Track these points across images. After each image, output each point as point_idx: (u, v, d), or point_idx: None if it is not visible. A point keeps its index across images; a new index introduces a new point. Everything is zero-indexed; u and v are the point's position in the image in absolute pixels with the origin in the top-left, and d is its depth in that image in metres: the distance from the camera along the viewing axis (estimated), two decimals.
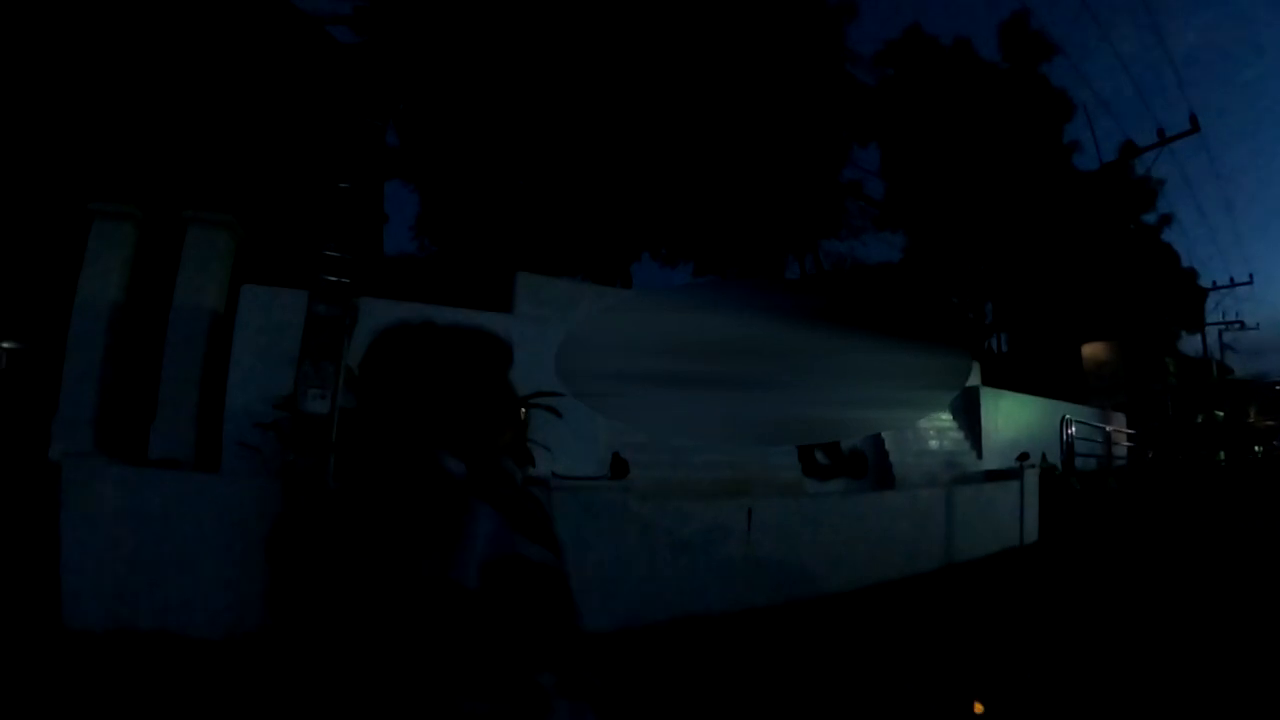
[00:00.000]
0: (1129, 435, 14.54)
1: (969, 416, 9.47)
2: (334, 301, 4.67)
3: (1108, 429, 13.39)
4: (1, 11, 7.12)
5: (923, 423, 8.72)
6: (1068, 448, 10.73)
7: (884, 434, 7.91)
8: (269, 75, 7.31)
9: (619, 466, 5.18)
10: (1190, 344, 24.75)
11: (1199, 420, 19.92)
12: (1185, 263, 23.46)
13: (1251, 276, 22.80)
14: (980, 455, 9.29)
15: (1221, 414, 21.66)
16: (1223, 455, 18.48)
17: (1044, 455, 9.43)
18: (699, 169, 11.09)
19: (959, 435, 9.23)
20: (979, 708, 3.36)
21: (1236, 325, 24.45)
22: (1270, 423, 26.53)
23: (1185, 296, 22.14)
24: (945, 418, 9.19)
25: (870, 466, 7.64)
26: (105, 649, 3.55)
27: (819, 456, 7.14)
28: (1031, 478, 7.66)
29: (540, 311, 6.29)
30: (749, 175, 11.50)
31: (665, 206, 11.83)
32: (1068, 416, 11.06)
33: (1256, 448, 22.83)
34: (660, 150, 10.69)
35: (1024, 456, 8.11)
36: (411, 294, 6.52)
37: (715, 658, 4.35)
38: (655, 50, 10.14)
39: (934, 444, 8.75)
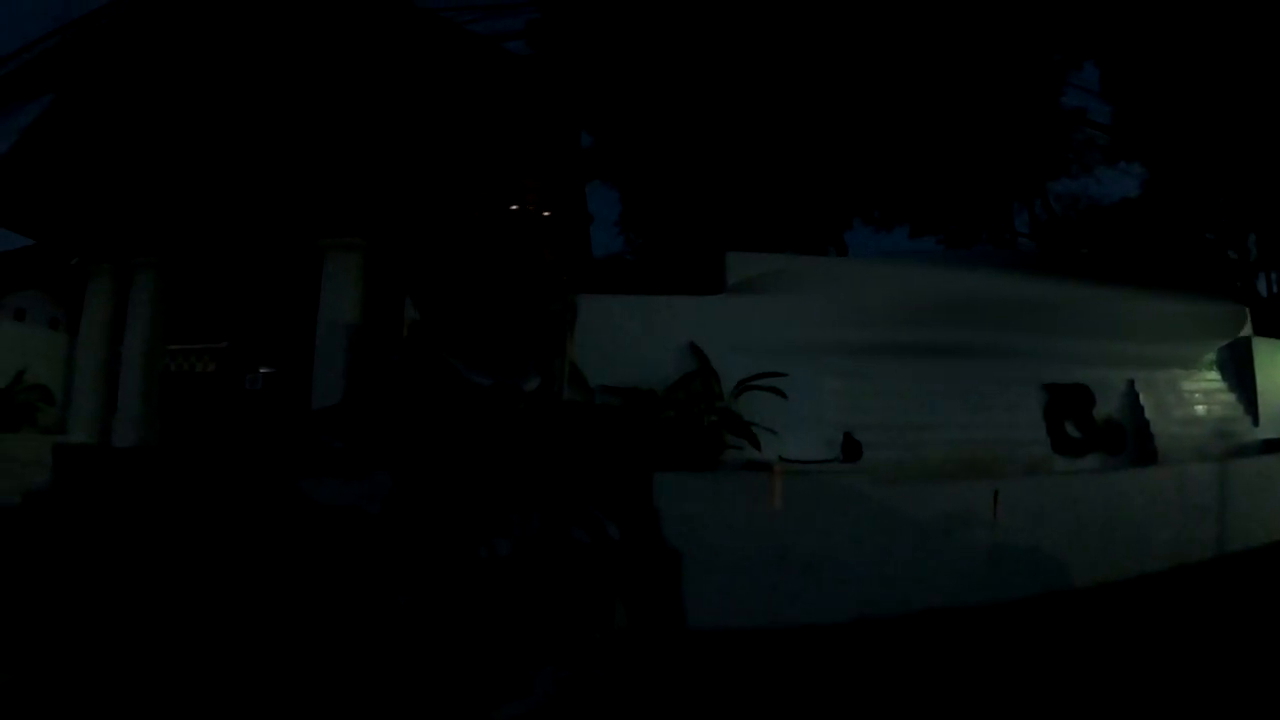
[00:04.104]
0: None
1: (1240, 374, 8.10)
2: (554, 300, 5.03)
3: None
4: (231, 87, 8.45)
5: (1186, 384, 7.61)
6: None
7: (1143, 400, 7.01)
8: (460, 99, 8.00)
9: (851, 448, 5.05)
10: None
11: None
12: None
13: None
14: (1256, 421, 7.94)
15: None
16: None
17: None
18: (904, 119, 10.44)
19: (1230, 398, 7.92)
20: None
21: None
22: None
23: None
24: (1212, 376, 7.94)
25: (1129, 439, 6.79)
26: None
27: (1070, 429, 6.48)
28: None
29: (755, 289, 6.22)
30: (958, 117, 10.63)
31: (873, 165, 11.39)
32: None
33: None
34: (863, 105, 10.20)
35: None
36: (622, 287, 6.78)
37: (966, 661, 4.05)
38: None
39: (1200, 409, 7.58)
